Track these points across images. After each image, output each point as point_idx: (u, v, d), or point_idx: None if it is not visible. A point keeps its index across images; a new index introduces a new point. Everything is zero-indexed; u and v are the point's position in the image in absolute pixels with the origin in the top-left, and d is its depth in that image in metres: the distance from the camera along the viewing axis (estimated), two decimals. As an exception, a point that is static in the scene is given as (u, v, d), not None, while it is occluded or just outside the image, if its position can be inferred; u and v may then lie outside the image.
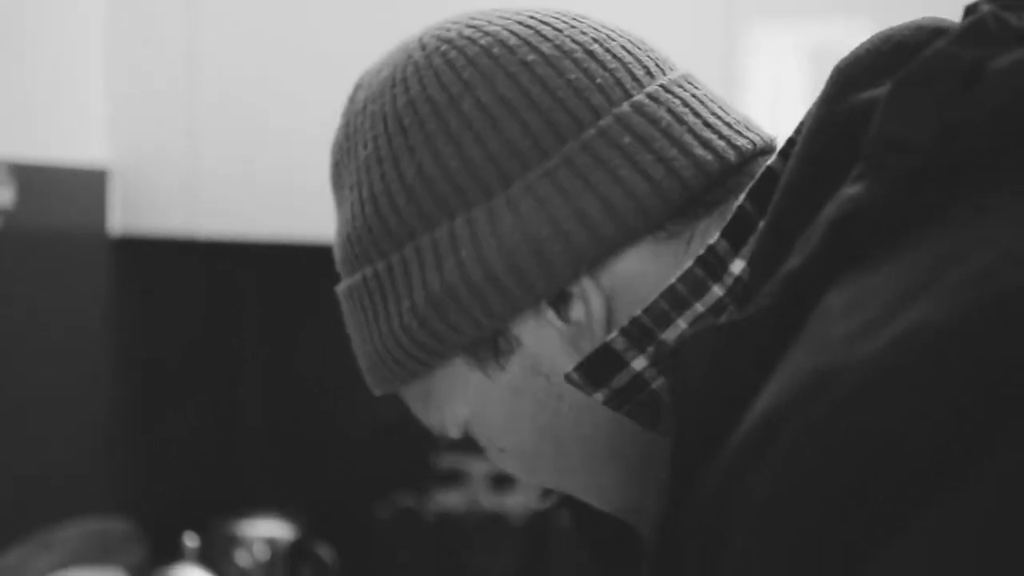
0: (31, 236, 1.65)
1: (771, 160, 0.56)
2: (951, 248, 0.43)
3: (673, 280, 0.56)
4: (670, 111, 0.58)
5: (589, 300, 0.58)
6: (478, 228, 0.58)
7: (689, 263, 0.56)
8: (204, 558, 1.74)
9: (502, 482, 1.92)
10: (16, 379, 1.63)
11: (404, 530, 1.86)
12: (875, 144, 0.46)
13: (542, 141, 0.57)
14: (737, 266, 0.55)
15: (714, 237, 0.56)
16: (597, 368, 0.57)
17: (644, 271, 0.58)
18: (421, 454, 1.96)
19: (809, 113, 0.53)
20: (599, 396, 0.58)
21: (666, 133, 0.58)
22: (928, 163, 0.45)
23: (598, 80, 0.59)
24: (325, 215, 1.77)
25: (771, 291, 0.47)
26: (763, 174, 0.56)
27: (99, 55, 1.78)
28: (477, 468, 1.92)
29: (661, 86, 0.59)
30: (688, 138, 0.58)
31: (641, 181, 0.57)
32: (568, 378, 0.58)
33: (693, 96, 0.60)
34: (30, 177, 1.63)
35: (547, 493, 0.73)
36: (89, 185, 1.76)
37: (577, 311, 0.58)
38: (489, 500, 1.90)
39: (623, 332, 0.57)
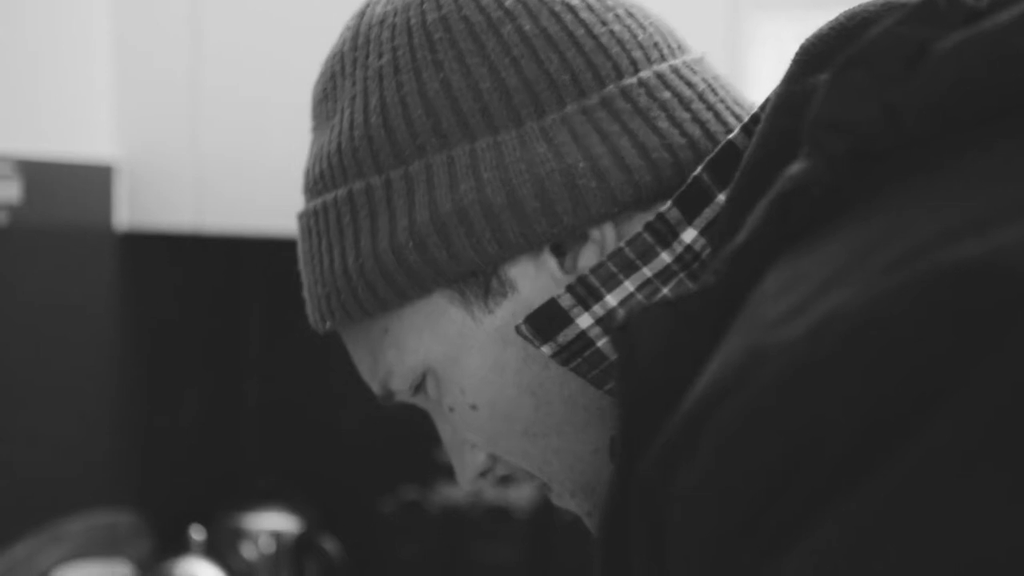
0: (38, 232, 1.66)
1: (733, 135, 0.56)
2: (876, 233, 0.42)
3: (622, 244, 0.56)
4: (704, 80, 0.59)
5: (607, 247, 0.57)
6: (506, 151, 0.56)
7: (638, 229, 0.56)
8: (210, 551, 1.75)
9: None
10: (23, 374, 1.64)
11: (408, 523, 1.86)
12: (815, 124, 0.46)
13: (581, 79, 0.57)
14: (688, 235, 0.55)
15: (666, 205, 0.55)
16: (544, 322, 0.56)
17: None
18: (425, 447, 1.96)
19: (773, 92, 0.53)
20: (546, 349, 0.57)
21: (702, 98, 0.58)
22: (866, 145, 0.45)
23: (639, 37, 0.59)
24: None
25: (717, 268, 0.47)
26: (724, 147, 0.55)
27: (105, 51, 1.78)
28: (482, 461, 1.92)
29: (692, 60, 0.60)
30: (721, 107, 0.59)
31: (678, 136, 0.57)
32: (518, 329, 0.57)
33: (715, 78, 0.61)
34: (37, 173, 1.64)
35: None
36: (96, 181, 1.77)
37: (588, 258, 0.57)
38: (493, 493, 1.90)
39: (569, 289, 0.56)
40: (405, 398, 0.63)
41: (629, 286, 0.56)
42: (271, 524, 1.84)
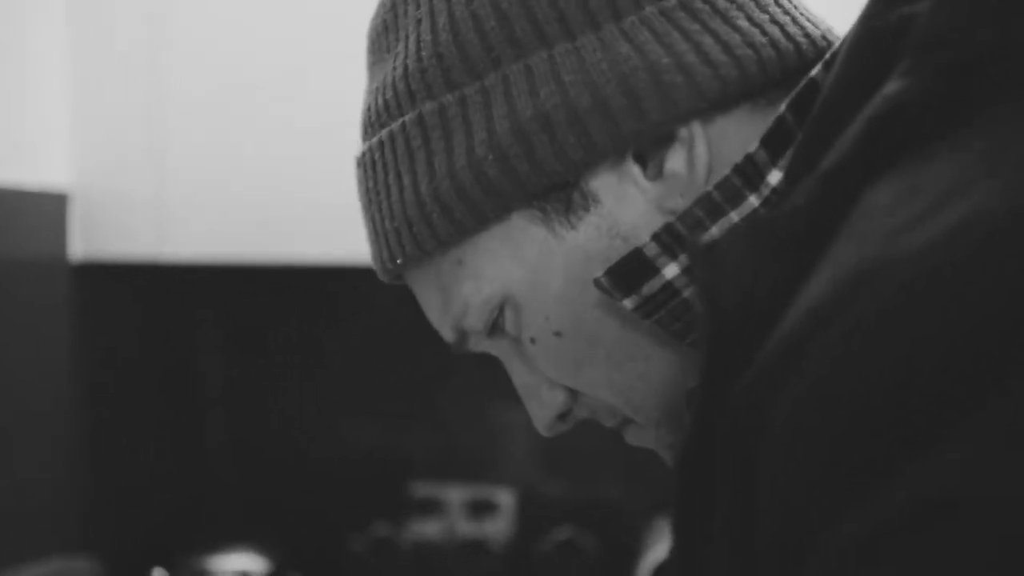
0: (-12, 263, 1.58)
1: (815, 72, 0.55)
2: (1004, 141, 0.41)
3: (710, 188, 0.55)
4: None
5: (695, 146, 0.56)
6: (586, 54, 0.55)
7: (738, 149, 0.55)
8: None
9: (480, 509, 1.88)
10: (-27, 413, 1.56)
11: (380, 560, 1.82)
12: (920, 39, 0.45)
13: None
14: (774, 177, 0.54)
15: (753, 146, 0.55)
16: (627, 274, 0.55)
17: (740, 136, 0.56)
18: (396, 483, 1.92)
19: (851, 29, 0.52)
20: (628, 303, 0.55)
21: (779, 4, 0.58)
22: (974, 58, 0.43)
23: None
24: (296, 236, 1.72)
25: (807, 189, 0.46)
26: (805, 84, 0.55)
27: (59, 72, 1.71)
28: (454, 496, 1.88)
29: None
30: (796, 13, 0.59)
31: (759, 35, 0.56)
32: (596, 283, 0.55)
33: None
34: (-14, 201, 1.57)
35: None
36: (48, 209, 1.70)
37: (676, 160, 0.56)
38: (467, 528, 1.86)
39: (655, 238, 0.55)
40: (478, 343, 0.61)
41: (715, 232, 0.54)
42: (237, 564, 1.77)
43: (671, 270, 0.55)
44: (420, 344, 1.99)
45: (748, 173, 0.55)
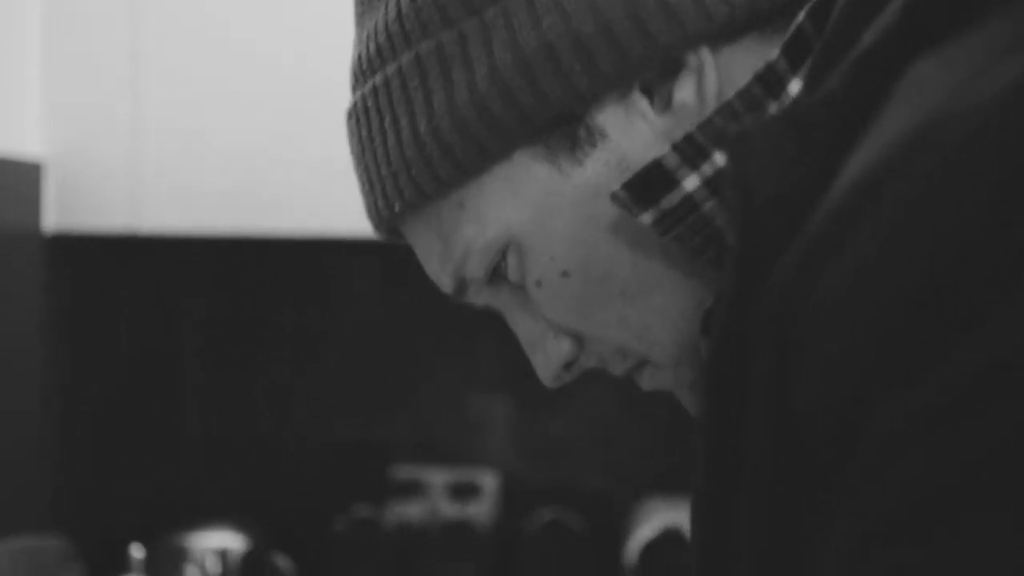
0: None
1: None
2: None
3: (731, 97, 0.53)
4: None
5: (705, 74, 0.54)
6: None
7: (748, 79, 0.53)
8: (152, 573, 1.64)
9: (463, 491, 1.85)
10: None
11: (363, 541, 1.79)
12: None
13: None
14: (795, 86, 0.53)
15: (774, 54, 0.53)
16: (646, 187, 0.53)
17: (749, 65, 0.54)
18: (376, 466, 1.89)
19: None
20: (647, 217, 0.54)
21: None
22: None
23: None
24: (274, 208, 1.69)
25: (842, 73, 0.44)
26: None
27: (35, 41, 1.68)
28: (436, 478, 1.86)
29: None
30: None
31: None
32: (614, 197, 0.53)
33: None
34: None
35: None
36: (22, 179, 1.66)
37: (685, 90, 0.54)
38: (450, 510, 1.84)
39: (675, 148, 0.53)
40: (478, 292, 0.59)
41: (727, 164, 0.51)
42: (216, 542, 1.74)
43: (691, 182, 0.53)
44: (403, 325, 1.97)
45: (769, 82, 0.53)
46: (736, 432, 0.45)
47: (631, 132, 0.55)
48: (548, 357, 0.60)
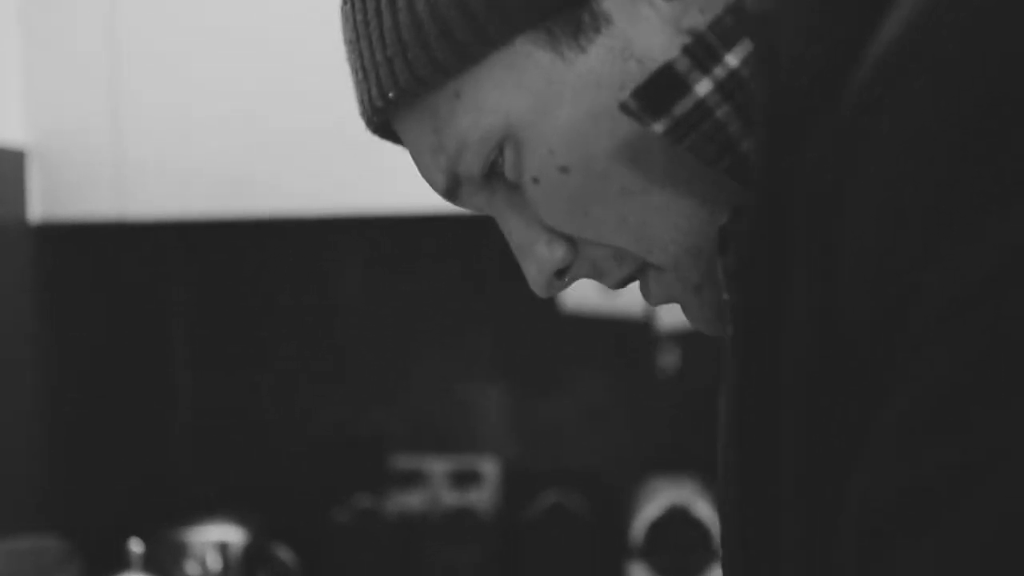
0: (-59, 223, 1.50)
1: None
2: None
3: None
4: None
5: None
6: None
7: None
8: (151, 569, 1.60)
9: (463, 479, 1.83)
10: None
11: (365, 531, 1.76)
12: None
13: None
14: None
15: None
16: (657, 93, 0.50)
17: None
18: (374, 457, 1.87)
19: None
20: (659, 127, 0.51)
21: None
22: None
23: None
24: (262, 189, 1.66)
25: None
26: None
27: (14, 28, 1.63)
28: (436, 467, 1.83)
29: None
30: None
31: None
32: (624, 107, 0.51)
33: None
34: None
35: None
36: (5, 167, 1.61)
37: None
38: (451, 498, 1.81)
39: (686, 51, 0.50)
40: (471, 193, 0.57)
41: (751, 43, 0.49)
42: (215, 536, 1.70)
43: (703, 86, 0.51)
44: (396, 313, 1.94)
45: None
46: (772, 338, 0.44)
47: (637, 18, 0.52)
48: (541, 263, 0.58)
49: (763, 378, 0.45)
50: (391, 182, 1.48)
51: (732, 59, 0.50)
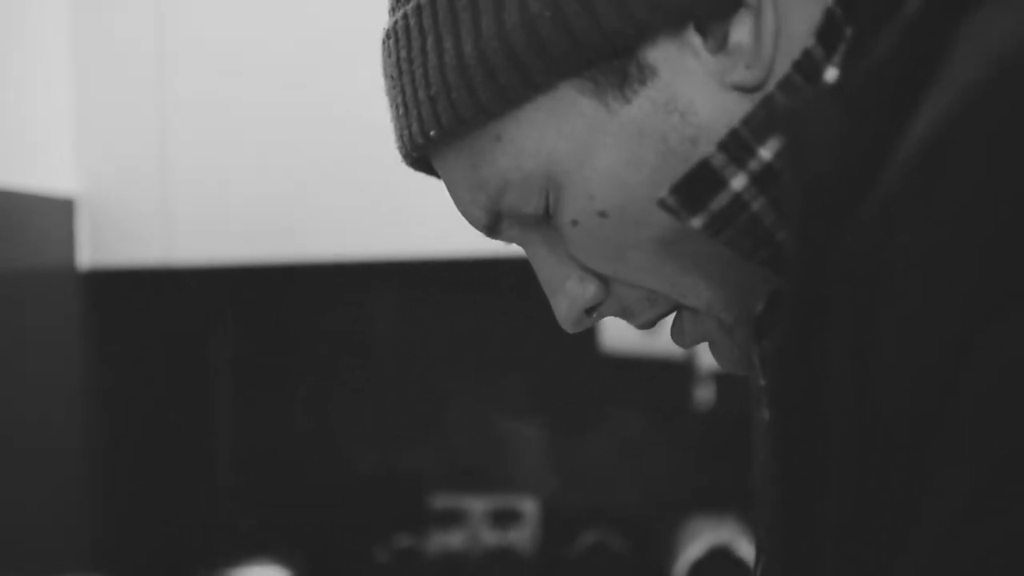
0: (-6, 271, 1.53)
1: None
2: None
3: (772, 88, 0.52)
4: None
5: (763, 13, 0.52)
6: None
7: (787, 69, 0.52)
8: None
9: (503, 518, 1.83)
10: (-17, 426, 1.50)
11: (405, 571, 1.76)
12: None
13: None
14: (831, 74, 0.52)
15: (811, 41, 0.52)
16: (694, 188, 0.51)
17: (803, 12, 0.53)
18: (412, 496, 1.87)
19: None
20: (697, 222, 0.52)
21: None
22: None
23: None
24: (306, 236, 1.68)
25: (889, 41, 0.43)
26: None
27: (66, 78, 1.67)
28: (475, 506, 1.83)
29: None
30: None
31: None
32: (661, 203, 0.52)
33: None
34: (-9, 208, 1.52)
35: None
36: (55, 215, 1.65)
37: (741, 30, 0.52)
38: (491, 537, 1.81)
39: (721, 147, 0.51)
40: (510, 228, 0.58)
41: (782, 137, 0.50)
42: (259, 577, 1.71)
43: (739, 181, 0.52)
44: (431, 353, 1.95)
45: (807, 69, 0.52)
46: (812, 414, 0.44)
47: (682, 70, 0.53)
48: (572, 299, 0.58)
49: (804, 467, 0.45)
50: (428, 226, 1.51)
51: (766, 152, 0.51)
